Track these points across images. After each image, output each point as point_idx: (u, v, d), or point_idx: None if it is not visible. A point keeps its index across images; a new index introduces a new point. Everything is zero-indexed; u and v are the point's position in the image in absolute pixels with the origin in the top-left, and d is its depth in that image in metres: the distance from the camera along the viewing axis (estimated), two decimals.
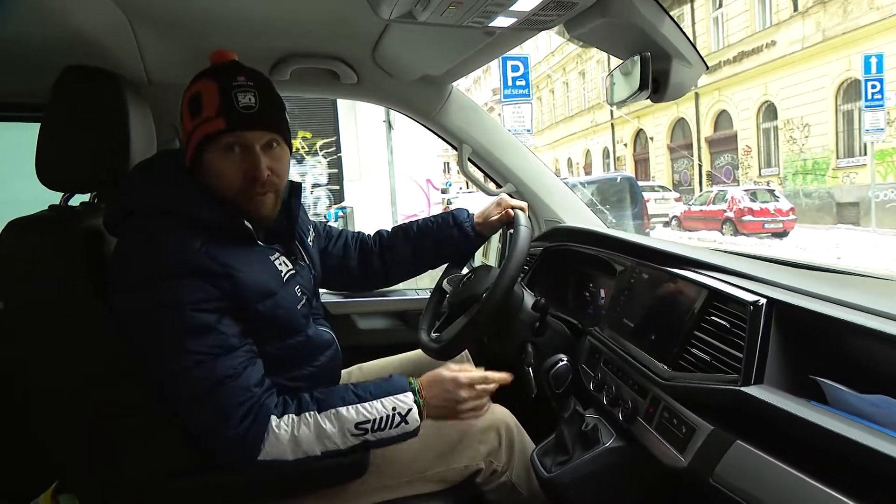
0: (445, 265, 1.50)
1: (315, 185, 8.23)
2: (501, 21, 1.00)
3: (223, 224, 0.99)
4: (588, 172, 22.60)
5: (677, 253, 1.08)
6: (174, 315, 0.91)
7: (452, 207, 1.48)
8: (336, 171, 8.29)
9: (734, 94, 16.36)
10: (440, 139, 1.79)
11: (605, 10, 0.94)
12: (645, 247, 1.19)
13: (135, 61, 1.30)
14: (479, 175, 1.78)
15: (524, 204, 1.39)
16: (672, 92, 1.00)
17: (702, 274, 0.97)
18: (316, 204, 8.26)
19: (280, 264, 1.07)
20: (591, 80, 23.18)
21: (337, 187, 8.31)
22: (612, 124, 22.04)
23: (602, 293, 1.41)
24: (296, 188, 1.15)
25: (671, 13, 0.96)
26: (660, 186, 16.80)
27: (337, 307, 1.79)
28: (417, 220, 1.45)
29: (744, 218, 12.40)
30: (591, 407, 1.17)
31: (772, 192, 13.15)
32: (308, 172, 8.16)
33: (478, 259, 2.03)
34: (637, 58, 0.96)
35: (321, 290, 1.42)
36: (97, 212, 1.08)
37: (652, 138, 19.80)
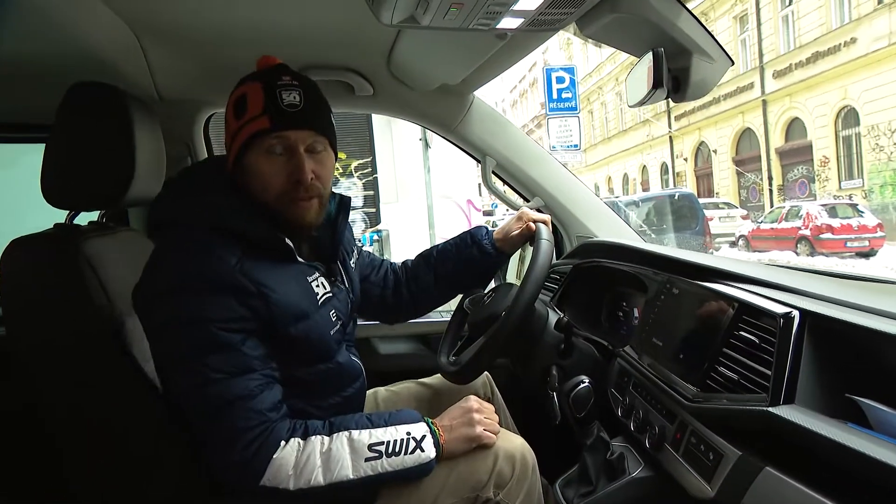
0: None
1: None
2: (509, 22, 1.02)
3: (263, 239, 1.02)
4: (645, 189, 22.24)
5: (709, 265, 1.06)
6: (199, 329, 0.94)
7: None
8: (372, 192, 8.43)
9: (808, 100, 15.83)
10: (465, 153, 1.82)
11: (614, 6, 0.95)
12: (676, 260, 1.17)
13: (144, 78, 1.39)
14: (505, 190, 1.80)
15: (547, 217, 1.39)
16: (694, 90, 0.99)
17: (733, 286, 0.96)
18: (351, 228, 8.43)
19: (317, 285, 1.09)
20: None
21: (373, 210, 8.45)
22: (670, 137, 21.68)
23: (636, 312, 1.39)
24: (345, 203, 1.19)
25: (700, 6, 0.95)
26: (725, 203, 16.35)
27: (358, 330, 1.81)
28: (438, 245, 1.46)
29: (822, 236, 11.88)
30: (619, 435, 1.15)
31: (854, 206, 12.57)
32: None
33: (511, 279, 2.03)
34: (649, 54, 0.96)
35: None
36: (103, 231, 1.15)
37: (715, 151, 19.34)
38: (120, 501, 1.07)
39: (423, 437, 1.03)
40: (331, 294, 1.11)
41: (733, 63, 1.02)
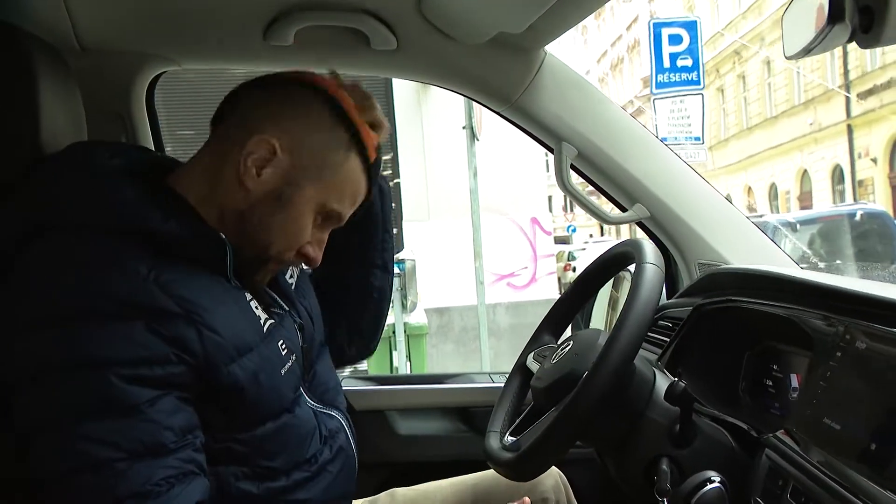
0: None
1: None
2: None
3: (186, 239, 1.02)
4: (806, 206, 21.91)
5: None
6: (87, 379, 0.91)
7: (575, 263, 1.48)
8: (392, 206, 8.53)
9: None
10: (532, 139, 1.82)
11: None
12: (859, 296, 1.14)
13: (57, 15, 1.41)
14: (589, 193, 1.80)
15: None
16: None
17: None
18: None
19: (255, 307, 1.12)
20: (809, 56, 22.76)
21: (394, 230, 8.53)
22: (848, 126, 21.38)
23: (794, 380, 1.37)
24: None
25: None
26: None
27: (363, 399, 1.83)
28: None
29: None
30: None
31: None
32: None
33: (595, 321, 2.02)
34: None
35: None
36: None
37: None
38: None
39: None
40: (272, 321, 1.14)
41: None
